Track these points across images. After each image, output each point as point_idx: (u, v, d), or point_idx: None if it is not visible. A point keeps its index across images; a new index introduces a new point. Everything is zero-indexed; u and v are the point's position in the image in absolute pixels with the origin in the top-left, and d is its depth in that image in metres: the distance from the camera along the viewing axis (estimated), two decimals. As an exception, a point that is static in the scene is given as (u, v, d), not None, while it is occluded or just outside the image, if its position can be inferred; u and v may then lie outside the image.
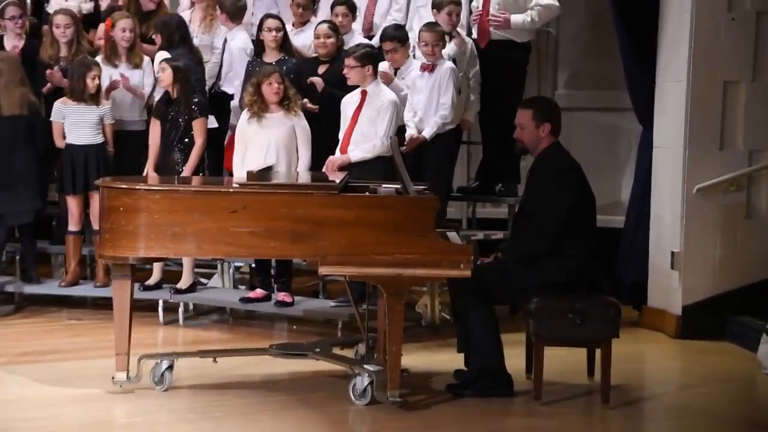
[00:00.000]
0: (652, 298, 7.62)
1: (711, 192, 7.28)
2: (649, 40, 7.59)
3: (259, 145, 7.05)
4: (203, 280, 7.96)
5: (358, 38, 7.82)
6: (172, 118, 7.32)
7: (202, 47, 8.06)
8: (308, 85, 7.42)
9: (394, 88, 7.26)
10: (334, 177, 6.06)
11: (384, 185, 5.97)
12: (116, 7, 8.28)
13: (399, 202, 5.49)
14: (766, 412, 6.06)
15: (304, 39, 8.02)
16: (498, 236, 7.86)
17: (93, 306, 7.84)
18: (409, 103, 7.36)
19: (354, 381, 5.58)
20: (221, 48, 8.06)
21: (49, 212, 8.17)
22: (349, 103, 7.09)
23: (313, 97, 7.42)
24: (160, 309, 7.41)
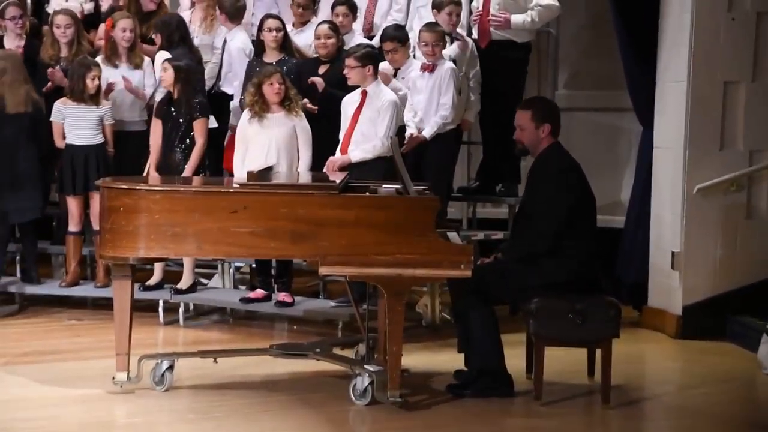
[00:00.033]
0: (653, 298, 7.62)
1: (711, 192, 7.28)
2: (649, 40, 7.58)
3: (260, 145, 7.05)
4: (203, 281, 7.95)
5: (359, 38, 7.82)
6: (173, 119, 7.32)
7: (203, 47, 8.06)
8: (308, 86, 7.42)
9: (392, 88, 7.25)
10: (334, 177, 6.06)
11: (384, 185, 5.97)
12: (117, 7, 8.29)
13: (399, 203, 5.49)
14: (767, 412, 6.05)
15: (304, 39, 8.02)
16: (498, 236, 7.86)
17: (93, 306, 7.83)
18: (409, 104, 7.35)
19: (354, 381, 5.58)
20: (221, 48, 8.07)
21: (49, 212, 8.16)
22: (349, 104, 7.09)
23: (314, 97, 7.42)
24: (160, 309, 7.41)
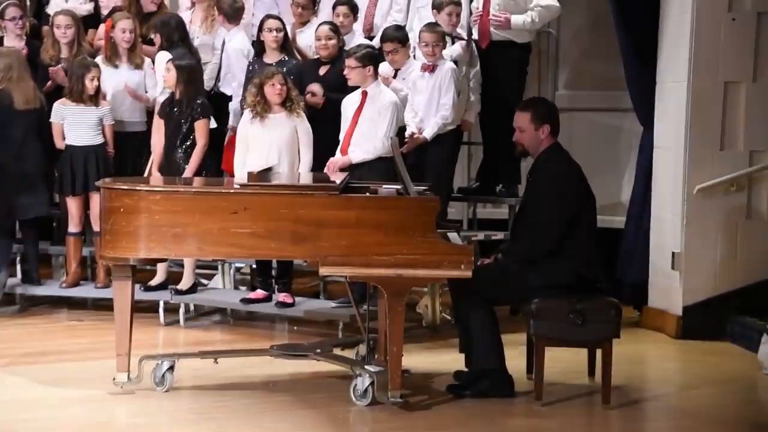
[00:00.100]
0: (653, 298, 7.62)
1: (711, 192, 7.28)
2: (650, 40, 7.58)
3: (261, 146, 7.04)
4: (204, 281, 7.95)
5: (359, 39, 7.82)
6: (175, 119, 7.32)
7: (203, 48, 8.06)
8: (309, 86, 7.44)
9: (392, 88, 7.25)
10: (335, 178, 6.06)
11: (385, 186, 5.97)
12: (117, 8, 8.29)
13: (400, 203, 5.49)
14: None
15: (304, 39, 8.01)
16: (498, 237, 7.86)
17: (94, 307, 7.82)
18: (409, 104, 7.35)
19: (355, 382, 5.58)
20: (220, 49, 8.07)
21: (49, 213, 8.15)
22: (349, 104, 7.09)
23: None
24: (160, 310, 7.41)
